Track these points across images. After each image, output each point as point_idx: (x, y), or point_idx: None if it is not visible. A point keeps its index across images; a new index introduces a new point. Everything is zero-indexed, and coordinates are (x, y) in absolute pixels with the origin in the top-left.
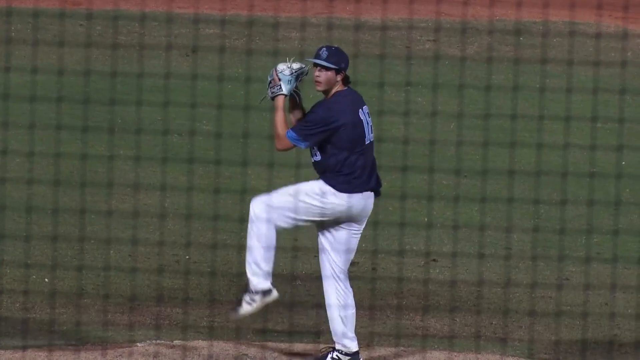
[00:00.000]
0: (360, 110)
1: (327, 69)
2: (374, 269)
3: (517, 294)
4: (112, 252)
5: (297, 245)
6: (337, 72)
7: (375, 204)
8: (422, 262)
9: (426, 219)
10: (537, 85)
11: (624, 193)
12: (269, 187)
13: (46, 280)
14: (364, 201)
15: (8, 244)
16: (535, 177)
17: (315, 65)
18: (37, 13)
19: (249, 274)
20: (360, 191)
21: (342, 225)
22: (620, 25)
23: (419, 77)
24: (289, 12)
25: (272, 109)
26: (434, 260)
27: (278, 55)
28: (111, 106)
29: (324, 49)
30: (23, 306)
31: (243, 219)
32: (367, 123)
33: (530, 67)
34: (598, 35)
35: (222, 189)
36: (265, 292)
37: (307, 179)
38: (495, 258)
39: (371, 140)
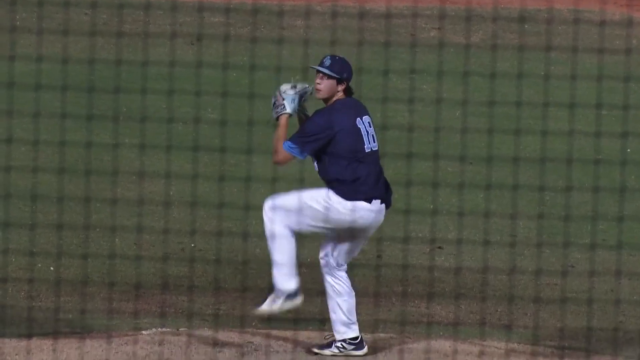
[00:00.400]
0: (358, 118)
1: (329, 77)
2: (379, 256)
3: (522, 281)
4: (117, 240)
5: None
6: (339, 81)
7: None
8: (427, 249)
9: (431, 206)
10: (542, 73)
11: (629, 180)
12: (274, 175)
13: (51, 268)
14: (372, 214)
15: (13, 232)
16: (540, 164)
17: (318, 72)
18: (42, 1)
19: (272, 271)
20: (367, 198)
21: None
22: (625, 13)
23: (423, 64)
24: (293, 0)
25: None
26: (439, 247)
27: (283, 43)
28: (116, 94)
29: (328, 57)
30: (28, 294)
31: (248, 207)
32: (367, 132)
33: (535, 54)
34: (602, 23)
35: (227, 176)
36: (290, 295)
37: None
38: (501, 245)
39: (373, 149)
